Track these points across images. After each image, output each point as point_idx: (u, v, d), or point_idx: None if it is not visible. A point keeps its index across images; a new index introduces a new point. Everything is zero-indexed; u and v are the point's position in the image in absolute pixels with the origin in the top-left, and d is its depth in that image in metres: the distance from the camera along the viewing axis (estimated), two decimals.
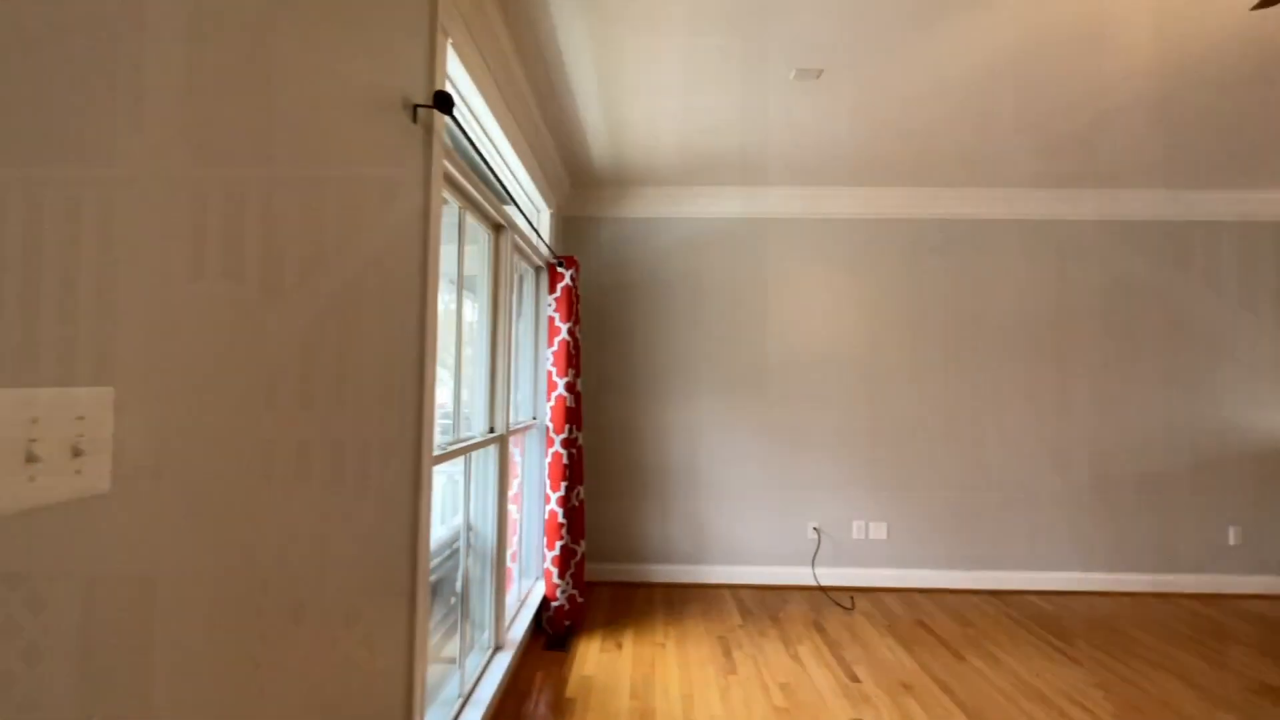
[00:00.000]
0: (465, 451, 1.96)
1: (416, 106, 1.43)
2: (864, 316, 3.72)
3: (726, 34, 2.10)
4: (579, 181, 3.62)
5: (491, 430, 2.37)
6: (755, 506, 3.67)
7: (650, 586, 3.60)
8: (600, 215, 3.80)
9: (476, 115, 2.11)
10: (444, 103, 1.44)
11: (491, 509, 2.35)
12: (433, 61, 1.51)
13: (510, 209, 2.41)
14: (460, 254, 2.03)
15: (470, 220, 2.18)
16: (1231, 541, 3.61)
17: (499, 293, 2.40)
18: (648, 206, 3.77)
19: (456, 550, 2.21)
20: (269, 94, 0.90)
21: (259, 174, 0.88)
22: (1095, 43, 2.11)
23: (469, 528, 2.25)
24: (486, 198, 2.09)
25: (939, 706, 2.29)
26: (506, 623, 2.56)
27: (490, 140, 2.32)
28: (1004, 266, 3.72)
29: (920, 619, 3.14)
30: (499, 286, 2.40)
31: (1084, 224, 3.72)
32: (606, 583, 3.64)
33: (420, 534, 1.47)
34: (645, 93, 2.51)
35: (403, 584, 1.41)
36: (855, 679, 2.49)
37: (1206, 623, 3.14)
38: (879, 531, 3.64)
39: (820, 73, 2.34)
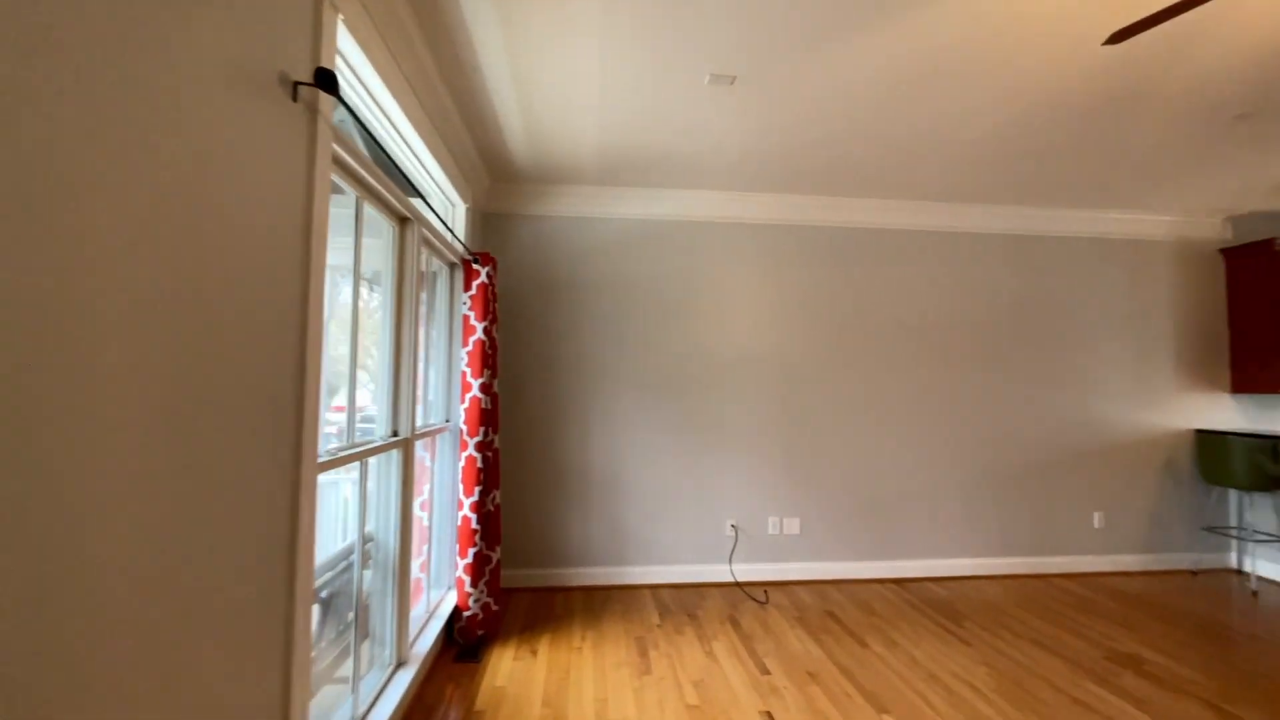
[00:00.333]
0: (360, 457, 1.84)
1: (297, 84, 1.32)
2: (781, 318, 3.85)
3: (640, 35, 2.09)
4: (499, 177, 3.52)
5: (394, 434, 2.24)
6: (675, 506, 3.70)
7: (570, 591, 3.55)
8: (522, 212, 3.72)
9: (377, 100, 1.99)
10: (327, 81, 1.33)
11: (394, 517, 2.23)
12: (318, 37, 1.40)
13: (417, 202, 2.29)
14: (357, 246, 1.91)
15: (372, 212, 2.06)
16: (1096, 525, 4.03)
17: (404, 289, 2.28)
18: (571, 205, 3.72)
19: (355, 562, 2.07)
20: (94, 56, 0.79)
21: (81, 153, 0.77)
22: (966, 71, 2.28)
23: (367, 538, 2.11)
24: (388, 188, 1.98)
25: (841, 693, 2.39)
26: (411, 637, 2.43)
27: (395, 127, 2.19)
28: (906, 273, 3.96)
29: (830, 609, 3.28)
30: (404, 282, 2.27)
31: (970, 236, 4.03)
32: (525, 589, 3.56)
33: (300, 547, 1.36)
34: (561, 87, 2.47)
35: (278, 603, 1.29)
36: (766, 671, 2.56)
37: (1075, 599, 3.47)
38: (793, 527, 3.77)
39: (734, 79, 2.38)
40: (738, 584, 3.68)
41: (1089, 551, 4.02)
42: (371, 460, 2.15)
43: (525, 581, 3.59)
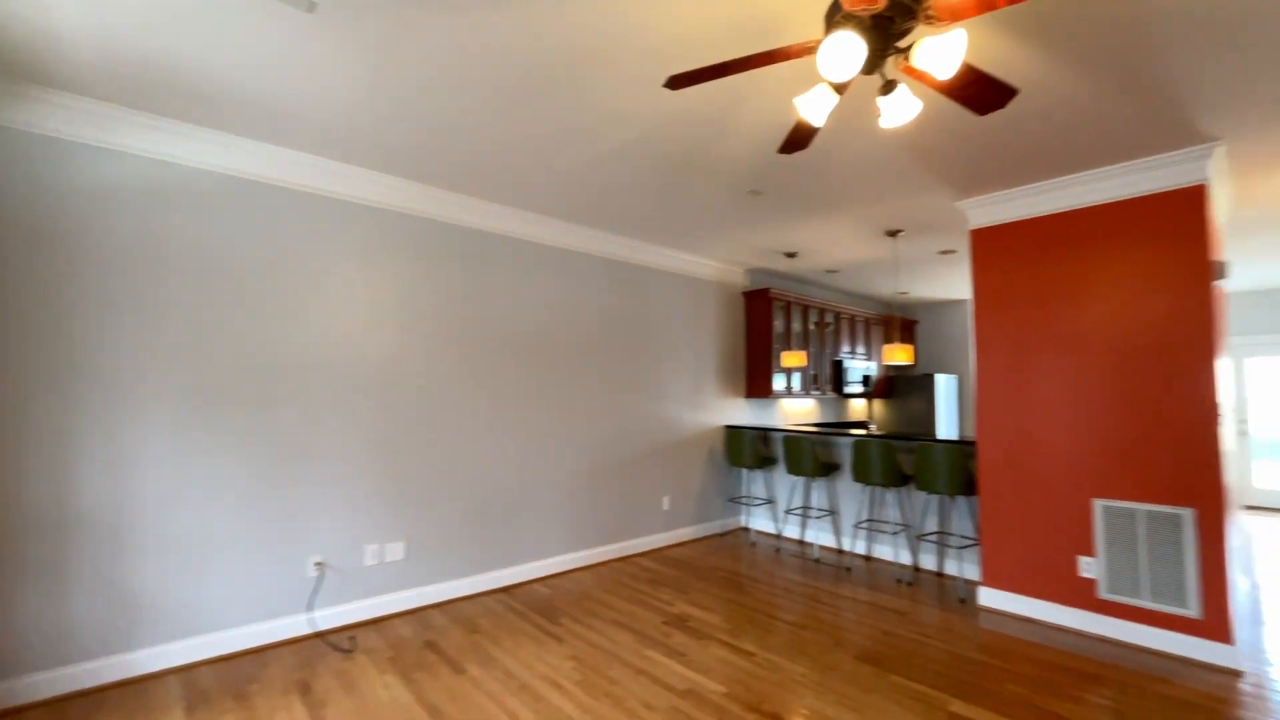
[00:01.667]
0: None
1: None
2: (387, 317, 3.39)
3: None
4: None
5: None
6: (230, 551, 2.82)
7: (23, 712, 2.28)
8: None
9: None
10: None
11: None
12: None
13: None
14: None
15: None
16: (665, 507, 4.90)
17: None
18: (72, 125, 2.46)
19: None
20: None
21: None
22: (573, 89, 2.39)
23: None
24: None
25: None
26: None
27: None
28: (522, 283, 4.04)
29: (430, 639, 2.98)
30: None
31: (580, 255, 4.43)
32: None
33: None
34: None
35: None
36: None
37: (648, 574, 4.09)
38: (396, 552, 3.34)
39: (313, 4, 1.89)
40: (319, 634, 3.03)
41: (660, 530, 4.85)
42: None
43: None
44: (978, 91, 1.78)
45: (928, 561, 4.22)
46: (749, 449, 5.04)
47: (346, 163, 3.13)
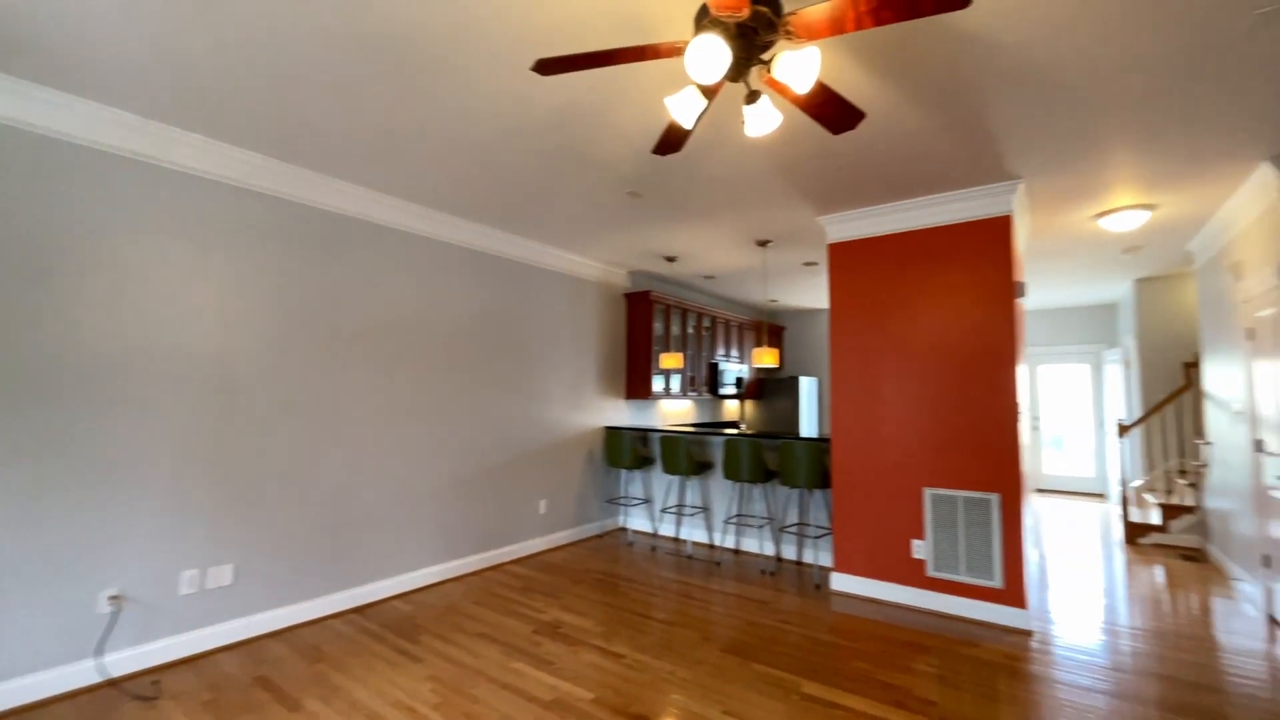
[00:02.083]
0: None
1: None
2: (221, 307, 2.94)
3: None
4: None
5: None
6: None
7: None
8: None
9: None
10: None
11: None
12: None
13: None
14: None
15: None
16: (542, 511, 4.77)
17: None
18: None
19: None
20: None
21: None
22: (442, 67, 2.23)
23: None
24: None
25: None
26: None
27: None
28: (387, 273, 3.72)
29: (261, 674, 2.61)
30: None
31: (454, 247, 4.18)
32: None
33: None
34: None
35: None
36: None
37: (521, 582, 3.94)
38: (221, 577, 2.90)
39: None
40: (112, 682, 2.53)
41: (536, 534, 4.71)
42: None
43: None
44: (832, 111, 1.90)
45: (789, 552, 4.51)
46: (628, 449, 5.07)
47: (169, 124, 2.66)
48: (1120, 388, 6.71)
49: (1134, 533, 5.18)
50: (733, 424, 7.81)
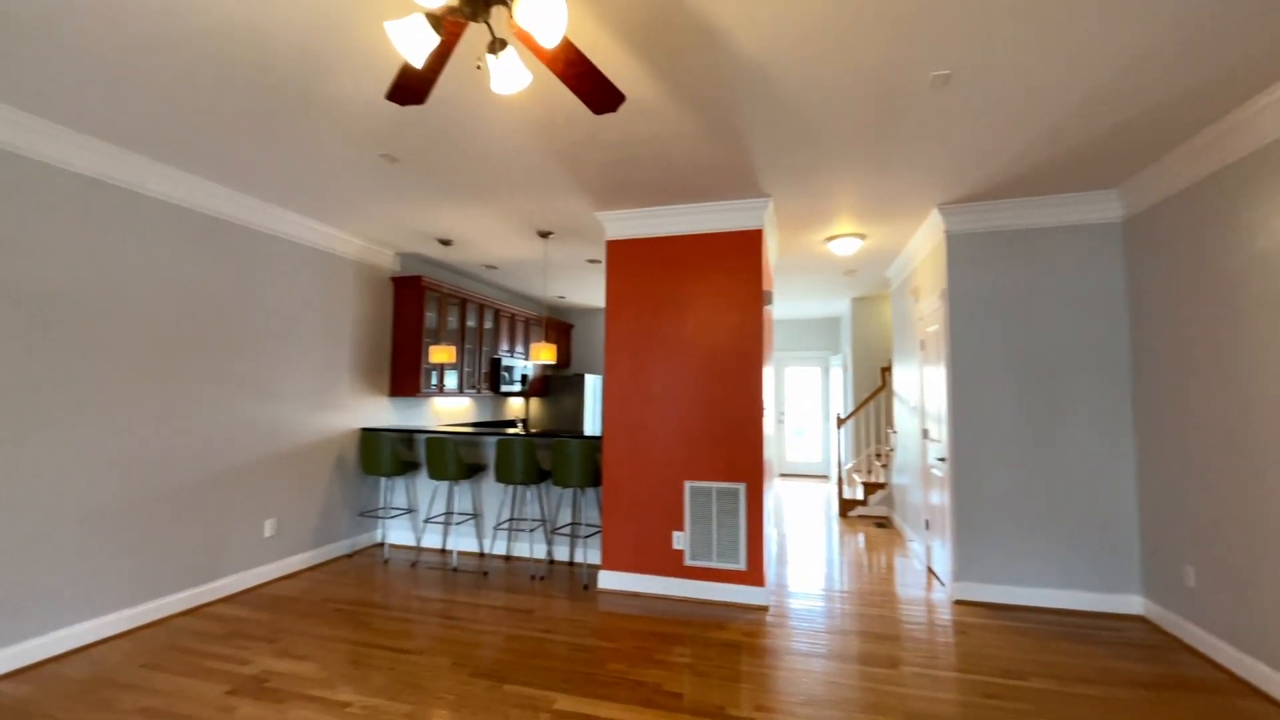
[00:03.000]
0: None
1: None
2: None
3: None
4: None
5: None
6: None
7: None
8: None
9: None
10: None
11: None
12: None
13: None
14: None
15: None
16: (267, 534, 3.90)
17: None
18: None
19: None
20: None
21: None
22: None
23: None
24: None
25: None
26: None
27: None
28: (40, 228, 2.62)
29: None
30: None
31: (150, 200, 3.16)
32: None
33: None
34: None
35: None
36: None
37: (226, 625, 3.12)
38: None
39: None
40: None
41: (260, 562, 3.84)
42: None
43: None
44: (591, 85, 1.77)
45: (561, 553, 4.40)
46: (388, 454, 4.44)
47: None
48: (841, 387, 8.11)
49: (845, 507, 6.24)
50: (512, 423, 7.52)
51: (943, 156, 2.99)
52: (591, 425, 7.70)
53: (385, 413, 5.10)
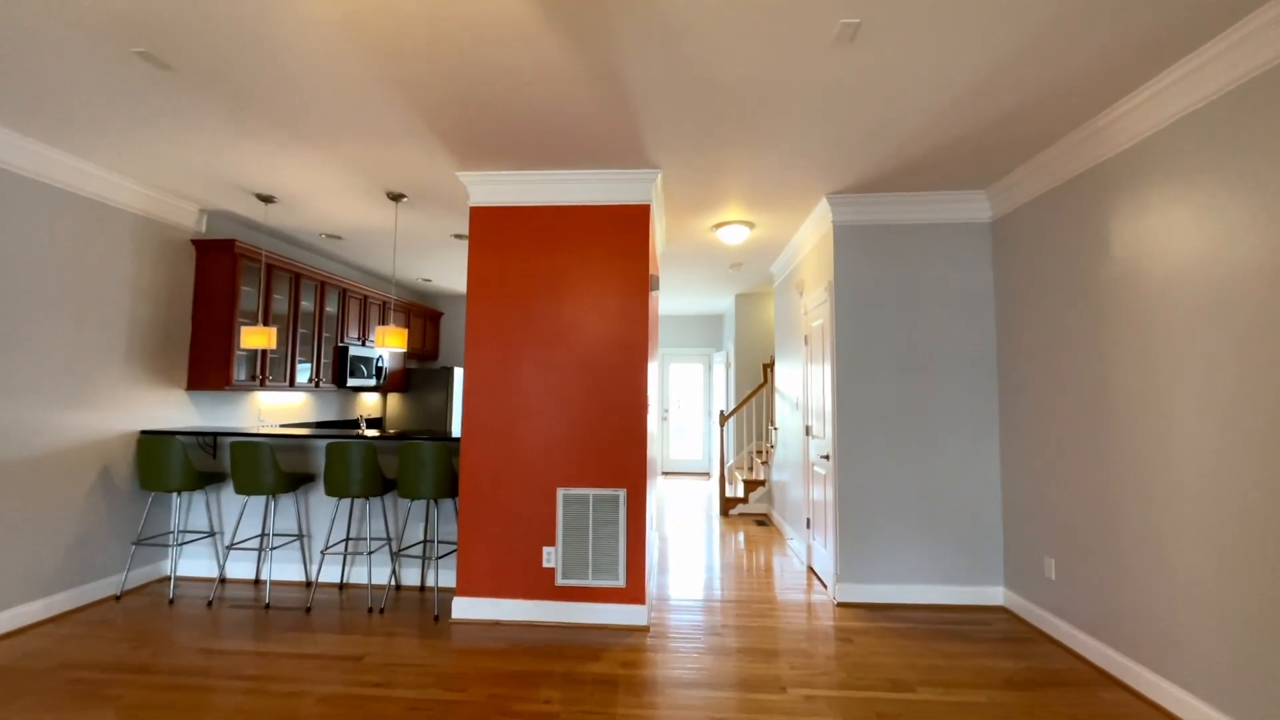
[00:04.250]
0: None
1: None
2: None
3: None
4: None
5: None
6: None
7: None
8: None
9: None
10: None
11: None
12: None
13: None
14: None
15: None
16: None
17: None
18: None
19: None
20: None
21: None
22: None
23: None
24: None
25: None
26: None
27: None
28: None
29: None
30: None
31: None
32: None
33: None
34: None
35: None
36: None
37: None
38: None
39: None
40: None
41: None
42: None
43: None
44: None
45: (411, 577, 3.72)
46: (179, 463, 3.46)
47: None
48: (723, 384, 8.08)
49: (727, 505, 6.13)
50: (361, 422, 6.56)
51: (832, 137, 2.79)
52: (460, 425, 6.93)
53: (182, 410, 4.03)
